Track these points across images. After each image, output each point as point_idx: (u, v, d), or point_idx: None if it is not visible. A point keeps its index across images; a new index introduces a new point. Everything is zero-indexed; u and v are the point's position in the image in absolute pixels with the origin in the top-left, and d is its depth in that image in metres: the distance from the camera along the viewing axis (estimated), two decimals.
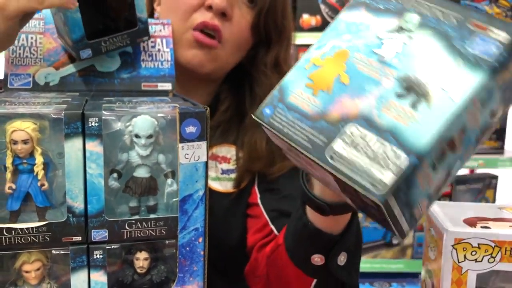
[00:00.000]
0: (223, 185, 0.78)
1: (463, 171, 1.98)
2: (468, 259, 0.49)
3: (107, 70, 0.67)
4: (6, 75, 0.64)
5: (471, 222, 0.51)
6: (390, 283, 1.91)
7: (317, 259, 0.60)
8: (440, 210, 0.55)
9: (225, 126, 0.80)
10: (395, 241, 1.90)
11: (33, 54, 0.65)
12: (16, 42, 0.63)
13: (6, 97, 0.55)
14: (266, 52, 0.79)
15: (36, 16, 0.65)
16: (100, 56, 0.64)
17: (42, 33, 0.66)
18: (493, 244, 0.48)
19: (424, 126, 0.38)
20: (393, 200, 0.37)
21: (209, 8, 0.72)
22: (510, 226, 0.51)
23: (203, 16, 0.72)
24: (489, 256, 0.49)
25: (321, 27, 1.85)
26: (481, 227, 0.50)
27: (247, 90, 0.81)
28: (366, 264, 1.98)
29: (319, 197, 0.56)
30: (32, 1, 0.50)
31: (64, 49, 0.66)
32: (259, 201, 0.78)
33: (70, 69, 0.66)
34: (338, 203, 0.54)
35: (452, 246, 0.49)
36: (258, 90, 0.79)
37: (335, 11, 1.86)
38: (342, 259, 0.60)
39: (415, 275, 1.88)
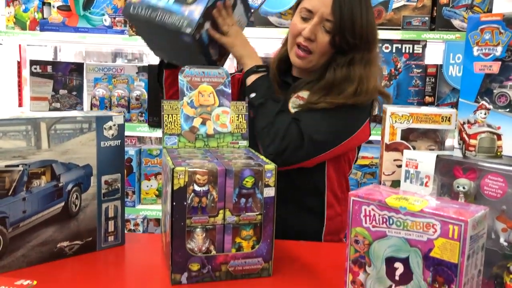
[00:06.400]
0: None
1: None
2: (397, 122, 1.04)
3: None
4: None
5: (401, 107, 1.06)
6: None
7: (246, 98, 1.31)
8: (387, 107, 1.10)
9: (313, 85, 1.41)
10: None
11: None
12: None
13: None
14: (341, 56, 1.36)
15: None
16: None
17: None
18: (408, 114, 1.03)
19: None
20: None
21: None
22: (418, 107, 1.06)
23: (300, 39, 1.38)
24: (406, 120, 1.03)
25: None
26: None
27: (328, 75, 1.39)
28: None
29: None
30: None
31: None
32: None
33: None
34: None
35: (390, 116, 1.04)
36: (329, 76, 1.37)
37: None
38: (252, 95, 1.33)
39: None
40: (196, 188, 1.00)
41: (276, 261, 1.07)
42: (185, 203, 0.99)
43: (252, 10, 1.50)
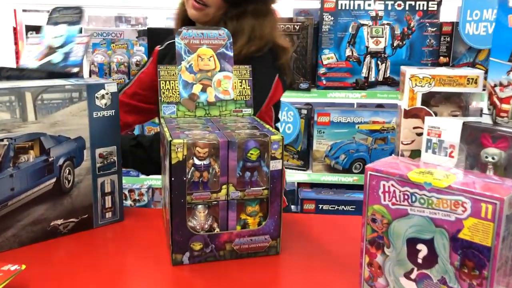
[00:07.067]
0: None
1: None
2: (417, 85, 0.93)
3: None
4: None
5: (421, 69, 0.95)
6: None
7: None
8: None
9: None
10: None
11: None
12: None
13: None
14: (232, 10, 1.31)
15: None
16: None
17: None
18: (430, 77, 0.92)
19: None
20: None
21: None
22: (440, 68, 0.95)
23: None
24: (428, 83, 0.93)
25: None
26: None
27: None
28: None
29: None
30: None
31: None
32: None
33: None
34: None
35: (409, 78, 0.93)
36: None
37: None
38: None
39: None
40: (197, 162, 0.92)
41: (285, 238, 1.00)
42: (184, 178, 0.91)
43: (75, 69, 1.28)
